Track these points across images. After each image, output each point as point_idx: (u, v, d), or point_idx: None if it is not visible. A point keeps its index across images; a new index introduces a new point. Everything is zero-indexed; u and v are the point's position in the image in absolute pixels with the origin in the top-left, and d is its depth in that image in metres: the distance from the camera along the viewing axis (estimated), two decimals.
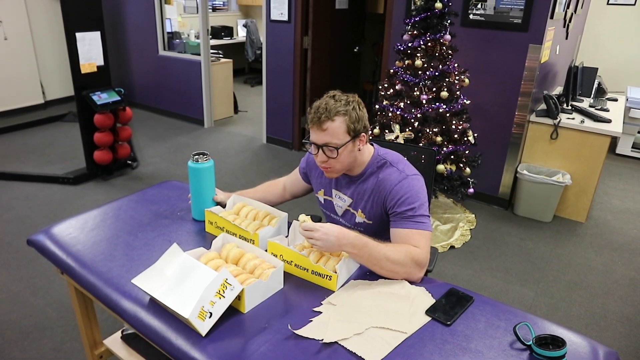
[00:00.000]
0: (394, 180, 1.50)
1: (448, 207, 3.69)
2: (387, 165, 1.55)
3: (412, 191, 1.47)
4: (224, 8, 8.52)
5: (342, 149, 1.45)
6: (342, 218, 1.69)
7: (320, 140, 1.46)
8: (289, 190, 1.88)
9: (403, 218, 1.46)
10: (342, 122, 1.43)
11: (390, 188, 1.50)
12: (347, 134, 1.45)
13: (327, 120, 1.42)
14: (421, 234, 1.44)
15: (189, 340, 1.16)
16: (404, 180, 1.49)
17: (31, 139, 4.94)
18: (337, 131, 1.43)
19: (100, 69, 3.86)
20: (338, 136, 1.44)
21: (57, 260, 1.52)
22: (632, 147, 5.09)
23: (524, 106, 3.45)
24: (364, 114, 1.49)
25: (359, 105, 1.49)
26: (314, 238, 1.35)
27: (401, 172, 1.52)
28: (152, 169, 4.31)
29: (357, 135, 1.47)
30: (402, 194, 1.47)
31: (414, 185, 1.49)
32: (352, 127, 1.45)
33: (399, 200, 1.47)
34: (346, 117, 1.44)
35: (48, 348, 2.18)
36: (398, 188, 1.48)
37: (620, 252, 3.21)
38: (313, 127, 1.46)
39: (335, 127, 1.43)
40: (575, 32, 4.77)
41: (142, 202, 1.86)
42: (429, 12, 3.01)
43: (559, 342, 1.11)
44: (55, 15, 5.77)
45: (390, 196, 1.50)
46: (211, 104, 5.63)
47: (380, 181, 1.53)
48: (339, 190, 1.65)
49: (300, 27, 4.46)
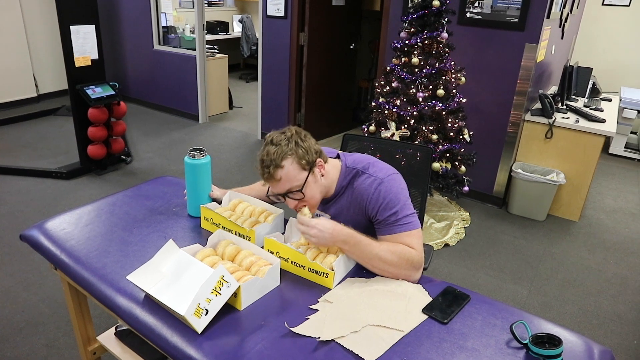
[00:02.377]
0: (369, 189, 1.44)
1: (443, 205, 3.70)
2: (358, 175, 1.49)
3: (390, 195, 1.42)
4: (220, 3, 8.47)
5: (305, 187, 1.41)
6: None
7: (281, 190, 1.42)
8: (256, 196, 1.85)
9: (388, 224, 1.42)
10: (292, 163, 1.38)
11: (367, 198, 1.44)
12: (302, 171, 1.40)
13: (277, 169, 1.37)
14: (410, 235, 1.40)
15: (185, 338, 1.15)
16: (379, 186, 1.43)
17: (24, 133, 4.89)
18: (292, 174, 1.38)
19: (94, 63, 3.82)
20: (295, 178, 1.39)
21: (51, 256, 1.50)
22: (625, 147, 5.13)
23: (520, 105, 3.46)
24: (308, 144, 1.42)
25: (299, 137, 1.41)
26: (308, 234, 1.35)
27: (375, 177, 1.45)
28: (146, 164, 4.28)
29: (312, 166, 1.42)
30: (381, 201, 1.42)
31: (390, 188, 1.43)
32: (304, 162, 1.39)
33: (380, 208, 1.42)
34: (293, 157, 1.38)
35: (41, 344, 2.17)
36: (375, 195, 1.43)
37: (613, 251, 3.23)
38: (268, 181, 1.42)
39: (288, 171, 1.37)
40: (570, 32, 4.79)
41: (137, 198, 1.84)
42: (426, 9, 3.01)
43: (555, 341, 1.12)
44: (48, 7, 5.70)
45: (370, 206, 1.44)
46: (206, 99, 5.60)
47: (355, 192, 1.49)
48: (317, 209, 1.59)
49: (296, 23, 4.44)
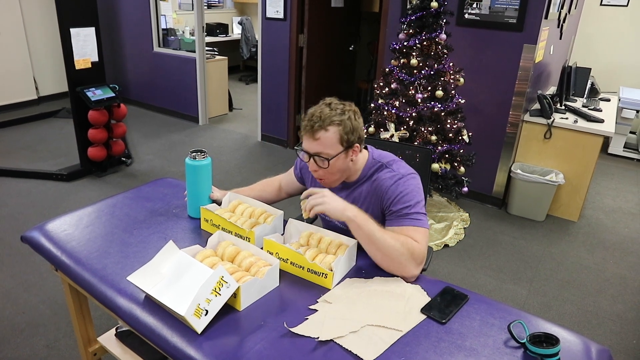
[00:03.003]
0: (389, 181, 1.49)
1: (442, 206, 3.71)
2: (382, 168, 1.53)
3: (407, 189, 1.46)
4: (219, 5, 8.48)
5: (334, 159, 1.43)
6: (338, 221, 1.64)
7: (312, 149, 1.44)
8: (284, 189, 1.87)
9: (399, 216, 1.45)
10: (336, 132, 1.40)
11: (386, 189, 1.49)
12: (339, 145, 1.42)
13: (320, 129, 1.39)
14: (417, 230, 1.42)
15: (185, 338, 1.16)
16: (399, 180, 1.48)
17: (24, 135, 4.90)
18: (329, 141, 1.41)
19: (94, 65, 3.83)
20: (330, 146, 1.41)
21: (52, 257, 1.51)
22: (624, 147, 5.14)
23: (518, 106, 3.47)
24: (359, 124, 1.46)
25: (355, 115, 1.45)
26: (322, 197, 1.36)
27: (396, 172, 1.50)
28: (146, 166, 4.29)
29: (350, 146, 1.44)
30: (398, 193, 1.46)
31: (409, 184, 1.48)
32: (346, 137, 1.42)
33: (395, 199, 1.46)
34: (340, 128, 1.40)
35: (41, 345, 2.17)
36: (394, 188, 1.47)
37: (612, 251, 3.24)
38: (306, 135, 1.43)
39: (328, 137, 1.40)
40: (569, 32, 4.80)
41: (138, 199, 1.85)
42: (425, 11, 3.02)
43: (552, 340, 1.12)
44: (49, 10, 5.72)
45: (386, 196, 1.49)
46: (206, 101, 5.61)
47: (375, 184, 1.52)
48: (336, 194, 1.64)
49: (295, 25, 4.45)
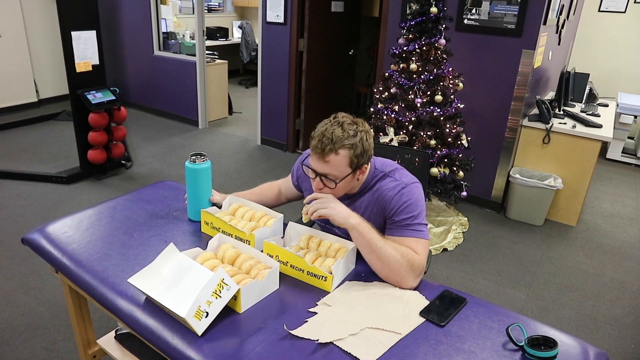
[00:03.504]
0: (393, 191, 1.47)
1: (441, 210, 3.72)
2: (384, 177, 1.52)
3: (410, 200, 1.45)
4: (220, 9, 8.52)
5: (342, 182, 1.42)
6: (337, 229, 1.63)
7: (320, 170, 1.40)
8: (284, 194, 1.87)
9: (400, 226, 1.45)
10: (346, 156, 1.37)
11: (389, 198, 1.47)
12: (349, 167, 1.40)
13: (331, 152, 1.35)
14: (419, 242, 1.42)
15: (185, 340, 1.17)
16: (403, 190, 1.46)
17: (24, 138, 4.91)
18: (339, 164, 1.37)
19: (95, 68, 3.85)
20: (339, 169, 1.38)
21: (52, 259, 1.52)
22: (622, 152, 5.16)
23: (517, 111, 3.48)
24: (370, 145, 1.42)
25: (367, 136, 1.41)
26: (327, 201, 1.36)
27: (399, 181, 1.49)
28: (146, 169, 4.30)
29: (358, 168, 1.43)
30: (402, 203, 1.45)
31: (412, 194, 1.46)
32: (356, 161, 1.39)
33: (398, 209, 1.45)
34: (351, 151, 1.37)
35: (40, 348, 2.17)
36: (397, 197, 1.46)
37: (610, 256, 3.25)
38: (315, 155, 1.39)
39: (339, 160, 1.37)
40: (567, 38, 4.82)
41: (138, 202, 1.86)
42: (424, 16, 3.04)
43: (550, 343, 1.13)
44: (49, 13, 5.74)
45: (389, 206, 1.47)
46: (206, 104, 5.62)
47: (378, 193, 1.51)
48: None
49: (295, 29, 4.47)
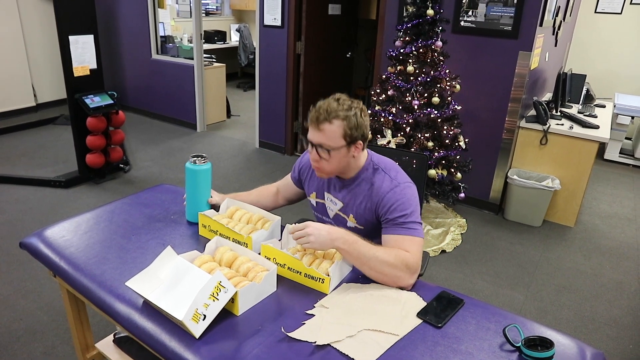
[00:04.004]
0: (386, 188, 1.51)
1: (439, 212, 3.72)
2: (380, 173, 1.56)
3: (404, 198, 1.48)
4: (217, 12, 8.53)
5: (335, 152, 1.46)
6: (333, 220, 1.70)
7: (315, 140, 1.47)
8: (282, 195, 1.89)
9: (395, 225, 1.47)
10: (340, 127, 1.43)
11: (382, 195, 1.51)
12: (342, 139, 1.45)
13: (325, 121, 1.43)
14: (413, 240, 1.44)
15: (183, 343, 1.17)
16: (396, 188, 1.50)
17: (22, 142, 4.91)
18: (333, 134, 1.44)
19: (93, 72, 3.85)
20: (333, 139, 1.44)
21: (50, 263, 1.52)
22: (619, 152, 5.17)
23: (514, 112, 3.49)
24: (364, 121, 1.48)
25: (361, 112, 1.47)
26: (306, 234, 1.36)
27: (393, 179, 1.52)
28: (144, 173, 4.30)
29: (353, 142, 1.47)
30: (394, 201, 1.48)
31: (406, 193, 1.50)
32: (349, 133, 1.44)
33: (391, 207, 1.48)
34: (345, 122, 1.43)
35: (39, 352, 2.17)
36: (390, 195, 1.49)
37: (608, 256, 3.25)
38: (311, 126, 1.47)
39: (332, 130, 1.43)
40: (564, 39, 4.84)
41: (136, 206, 1.86)
42: (421, 18, 3.05)
43: (547, 344, 1.14)
44: (47, 17, 5.75)
45: (382, 203, 1.50)
46: (204, 108, 5.63)
47: (372, 188, 1.54)
48: (331, 193, 1.67)
49: (293, 32, 4.48)
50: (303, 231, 1.37)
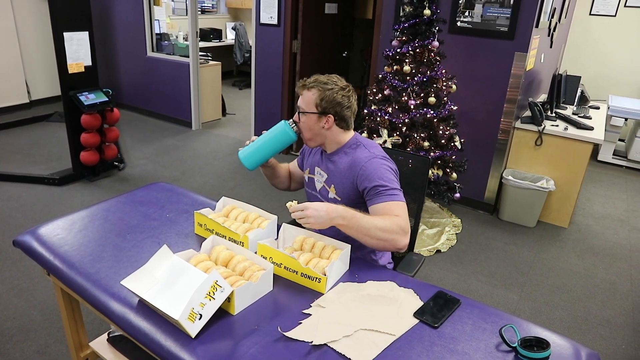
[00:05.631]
0: (364, 159, 1.60)
1: (434, 212, 3.73)
2: (360, 147, 1.67)
3: (381, 168, 1.58)
4: (213, 10, 8.50)
5: (306, 117, 1.63)
6: (319, 194, 1.77)
7: (299, 103, 1.66)
8: (292, 172, 1.99)
9: (377, 193, 1.55)
10: (313, 95, 1.61)
11: (361, 164, 1.60)
12: (314, 107, 1.61)
13: (304, 88, 1.63)
14: (397, 205, 1.53)
15: (178, 342, 1.16)
16: (373, 159, 1.59)
17: (16, 139, 4.87)
18: (307, 100, 1.62)
19: (87, 69, 3.83)
20: (307, 105, 1.62)
21: (44, 261, 1.50)
22: (613, 154, 5.20)
23: (510, 113, 3.51)
24: (341, 100, 1.62)
25: (341, 92, 1.62)
26: (305, 216, 1.40)
27: (372, 153, 1.62)
28: (139, 171, 4.28)
29: (323, 113, 1.61)
30: (372, 170, 1.57)
31: (382, 164, 1.59)
32: (320, 103, 1.60)
33: (369, 176, 1.57)
34: (319, 93, 1.60)
35: (32, 351, 2.15)
36: (367, 164, 1.58)
37: (602, 257, 3.27)
38: (298, 89, 1.67)
39: (307, 96, 1.62)
40: (559, 41, 4.87)
41: (131, 204, 1.85)
42: (418, 18, 3.06)
43: (543, 344, 1.14)
44: (41, 13, 5.70)
45: (361, 172, 1.59)
46: (199, 106, 5.61)
47: (352, 161, 1.64)
48: (319, 167, 1.76)
49: (289, 31, 4.48)
50: (302, 212, 1.40)
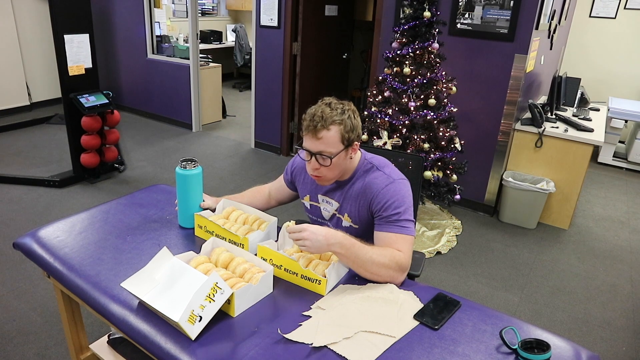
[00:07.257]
0: (381, 184, 1.51)
1: (435, 214, 3.73)
2: (374, 170, 1.57)
3: (398, 195, 1.49)
4: (213, 13, 8.52)
5: (336, 158, 1.46)
6: (329, 222, 1.70)
7: (314, 148, 1.46)
8: (274, 197, 1.88)
9: (388, 222, 1.48)
10: (337, 132, 1.44)
11: (376, 192, 1.51)
12: (341, 143, 1.46)
13: (322, 129, 1.42)
14: (404, 239, 1.46)
15: (178, 344, 1.16)
16: (390, 185, 1.51)
17: (16, 141, 4.87)
18: (331, 140, 1.44)
19: (88, 72, 3.83)
20: (332, 145, 1.44)
21: (44, 264, 1.50)
22: (613, 156, 5.20)
23: (510, 114, 3.51)
24: (358, 122, 1.50)
25: (354, 114, 1.49)
26: (302, 239, 1.35)
27: (388, 176, 1.53)
28: (139, 173, 4.28)
29: (350, 144, 1.48)
30: (388, 198, 1.48)
31: (400, 190, 1.50)
32: (347, 136, 1.46)
33: (385, 204, 1.49)
34: (341, 127, 1.44)
35: (32, 353, 2.15)
36: (384, 192, 1.49)
37: (602, 259, 3.27)
38: (308, 135, 1.46)
39: (330, 136, 1.43)
40: (559, 43, 4.87)
41: (131, 206, 1.85)
42: (418, 20, 3.06)
43: (543, 346, 1.14)
44: (42, 16, 5.71)
45: (376, 200, 1.51)
46: (199, 108, 5.61)
47: (366, 185, 1.55)
48: (326, 195, 1.67)
49: (289, 33, 4.48)
50: (300, 234, 1.36)
